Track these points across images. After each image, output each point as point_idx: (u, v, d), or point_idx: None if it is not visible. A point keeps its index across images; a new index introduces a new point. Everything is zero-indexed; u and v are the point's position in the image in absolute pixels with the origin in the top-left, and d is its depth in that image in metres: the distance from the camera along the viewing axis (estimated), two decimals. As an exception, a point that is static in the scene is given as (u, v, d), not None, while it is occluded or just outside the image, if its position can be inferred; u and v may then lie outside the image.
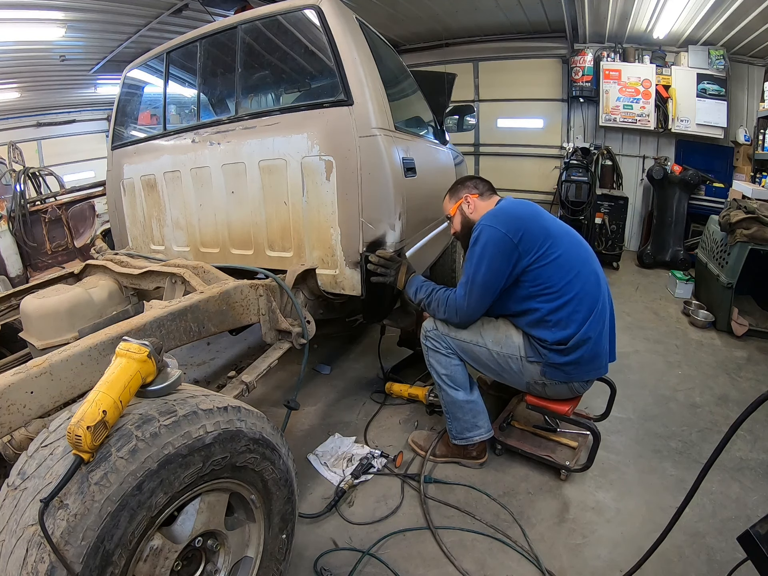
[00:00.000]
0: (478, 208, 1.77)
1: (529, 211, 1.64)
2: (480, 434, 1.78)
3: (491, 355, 1.67)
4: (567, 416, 1.69)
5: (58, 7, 4.01)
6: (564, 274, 1.55)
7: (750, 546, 0.81)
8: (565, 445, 1.87)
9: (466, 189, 1.82)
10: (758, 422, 2.03)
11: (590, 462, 1.69)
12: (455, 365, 1.73)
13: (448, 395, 1.75)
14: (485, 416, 1.79)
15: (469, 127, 3.38)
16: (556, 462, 1.76)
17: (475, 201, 1.78)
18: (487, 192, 1.81)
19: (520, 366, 1.64)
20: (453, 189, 1.88)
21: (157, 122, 2.52)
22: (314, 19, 1.84)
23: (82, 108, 8.24)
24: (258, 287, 1.66)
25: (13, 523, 0.77)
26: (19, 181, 4.12)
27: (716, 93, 4.70)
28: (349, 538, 1.53)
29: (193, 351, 2.97)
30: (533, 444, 1.88)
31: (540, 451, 1.82)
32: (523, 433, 1.96)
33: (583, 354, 1.56)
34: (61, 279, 2.09)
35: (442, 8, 4.89)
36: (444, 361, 1.74)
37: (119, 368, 0.84)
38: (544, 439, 1.92)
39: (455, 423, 1.78)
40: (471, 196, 1.79)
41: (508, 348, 1.65)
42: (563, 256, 1.56)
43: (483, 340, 1.68)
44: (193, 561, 0.99)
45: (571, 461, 1.76)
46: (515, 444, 1.86)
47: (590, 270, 1.62)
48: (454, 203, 1.83)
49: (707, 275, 3.47)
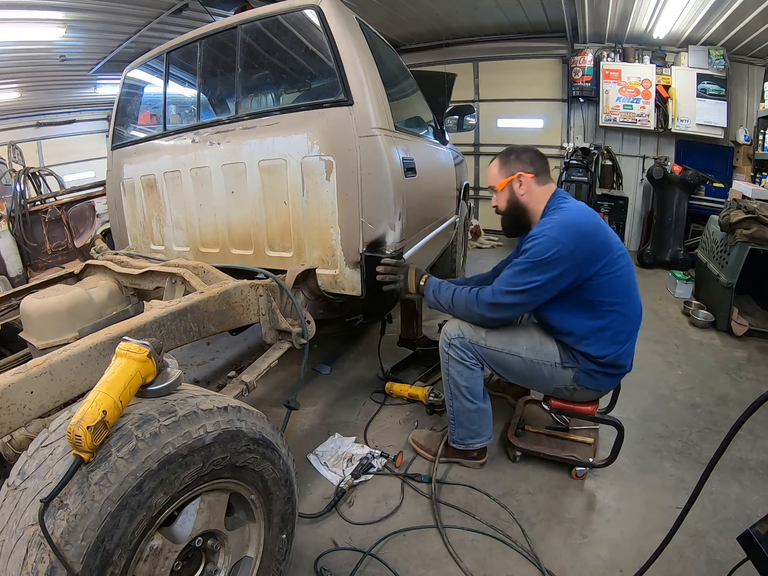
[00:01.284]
0: (532, 192, 1.59)
1: (595, 224, 1.52)
2: (481, 441, 1.75)
3: (524, 362, 1.61)
4: (592, 415, 1.68)
5: (58, 7, 4.01)
6: (618, 291, 1.52)
7: (750, 546, 0.81)
8: (582, 442, 1.86)
9: (522, 164, 1.60)
10: (758, 422, 2.03)
11: (614, 456, 1.68)
12: (476, 377, 1.66)
13: (462, 405, 1.69)
14: (490, 423, 1.76)
15: (469, 127, 3.39)
16: (580, 461, 1.74)
17: (529, 182, 1.59)
18: (543, 173, 1.61)
19: (553, 372, 1.60)
20: (505, 159, 1.64)
21: (157, 122, 2.52)
22: (314, 19, 1.84)
23: (82, 108, 8.24)
24: (258, 287, 1.66)
25: (13, 523, 0.77)
26: (19, 181, 4.13)
27: (716, 93, 4.70)
28: (350, 538, 1.53)
29: (193, 351, 2.97)
30: (552, 446, 1.85)
31: (562, 452, 1.80)
32: (538, 436, 1.93)
33: (617, 368, 1.58)
34: (61, 279, 2.09)
35: (442, 8, 4.89)
36: (466, 374, 1.65)
37: (119, 368, 0.84)
38: (560, 440, 1.89)
39: (459, 430, 1.75)
40: (526, 175, 1.58)
41: (544, 355, 1.60)
42: (621, 271, 1.51)
43: (516, 348, 1.61)
44: (193, 561, 0.99)
45: (593, 457, 1.75)
46: (536, 449, 1.83)
47: (636, 289, 1.59)
48: (503, 177, 1.62)
49: (707, 275, 3.47)
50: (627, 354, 1.58)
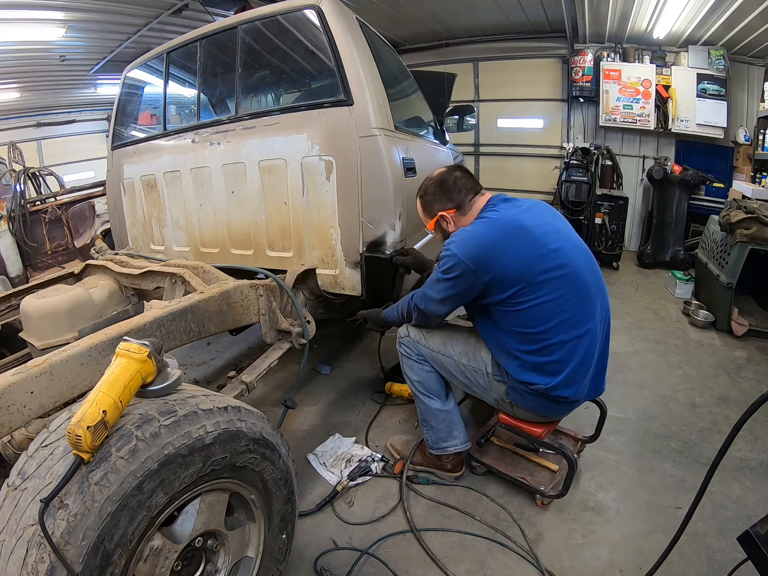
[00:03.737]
0: (460, 224, 1.52)
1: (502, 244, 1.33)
2: (455, 445, 1.70)
3: (458, 366, 1.60)
4: (540, 439, 1.56)
5: (58, 7, 4.01)
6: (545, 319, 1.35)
7: (750, 546, 0.81)
8: (545, 467, 1.74)
9: (439, 202, 1.53)
10: (758, 422, 2.03)
11: (565, 490, 1.56)
12: (427, 372, 1.66)
13: (422, 402, 1.69)
14: (461, 427, 1.71)
15: (469, 127, 3.39)
16: (531, 486, 1.64)
17: (453, 217, 1.52)
18: (466, 200, 1.50)
19: (487, 382, 1.56)
20: (422, 200, 1.57)
21: (157, 122, 2.52)
22: (314, 19, 1.84)
23: (82, 108, 8.24)
24: (258, 287, 1.66)
25: (13, 523, 0.77)
26: (19, 181, 4.13)
27: (716, 93, 4.70)
28: (349, 538, 1.53)
29: (193, 351, 2.97)
30: (510, 464, 1.76)
31: (516, 472, 1.70)
32: (503, 451, 1.83)
33: (555, 398, 1.42)
34: (61, 279, 2.09)
35: (442, 8, 4.88)
36: (416, 368, 1.67)
37: (119, 368, 0.84)
38: (524, 459, 1.79)
39: (431, 432, 1.71)
40: (447, 213, 1.52)
41: (476, 362, 1.56)
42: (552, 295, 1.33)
43: (451, 350, 1.60)
44: (193, 561, 0.99)
45: (548, 486, 1.63)
46: (491, 462, 1.75)
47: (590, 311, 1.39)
48: (429, 218, 1.58)
49: (707, 275, 3.47)
50: (567, 384, 1.39)
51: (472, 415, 2.18)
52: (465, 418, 1.79)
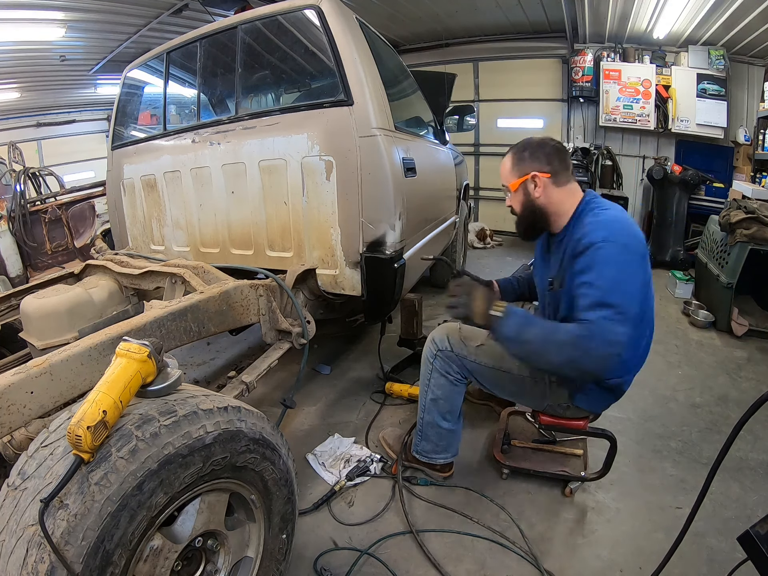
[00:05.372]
0: (549, 195, 1.36)
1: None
2: (445, 458, 1.69)
3: (515, 379, 1.50)
4: (583, 429, 1.59)
5: (58, 7, 4.01)
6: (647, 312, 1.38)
7: (750, 546, 0.80)
8: (571, 454, 1.79)
9: (537, 162, 1.36)
10: (758, 422, 2.02)
11: (607, 469, 1.61)
12: (457, 394, 1.58)
13: (433, 420, 1.62)
14: (459, 441, 1.70)
15: (469, 127, 3.39)
16: (572, 475, 1.67)
17: (546, 183, 1.35)
18: (562, 172, 1.36)
19: (545, 389, 1.49)
20: (518, 155, 1.39)
21: (157, 122, 2.52)
22: (314, 19, 1.84)
23: (82, 108, 8.25)
24: (258, 287, 1.66)
25: (13, 523, 0.77)
26: (19, 181, 4.13)
27: (716, 93, 4.70)
28: (349, 538, 1.53)
29: (193, 351, 2.97)
30: (541, 460, 1.79)
31: (552, 467, 1.72)
32: (525, 451, 1.85)
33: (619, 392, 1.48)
34: (61, 279, 2.09)
35: (442, 8, 4.89)
36: (447, 389, 1.56)
37: (119, 368, 0.84)
38: (549, 453, 1.82)
39: (425, 443, 1.68)
40: (541, 176, 1.35)
41: (538, 372, 1.48)
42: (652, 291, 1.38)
43: (509, 364, 1.49)
44: (193, 561, 0.99)
45: (585, 470, 1.68)
46: (525, 465, 1.76)
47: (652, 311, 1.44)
48: (516, 176, 1.38)
49: (707, 275, 3.47)
50: (632, 379, 1.48)
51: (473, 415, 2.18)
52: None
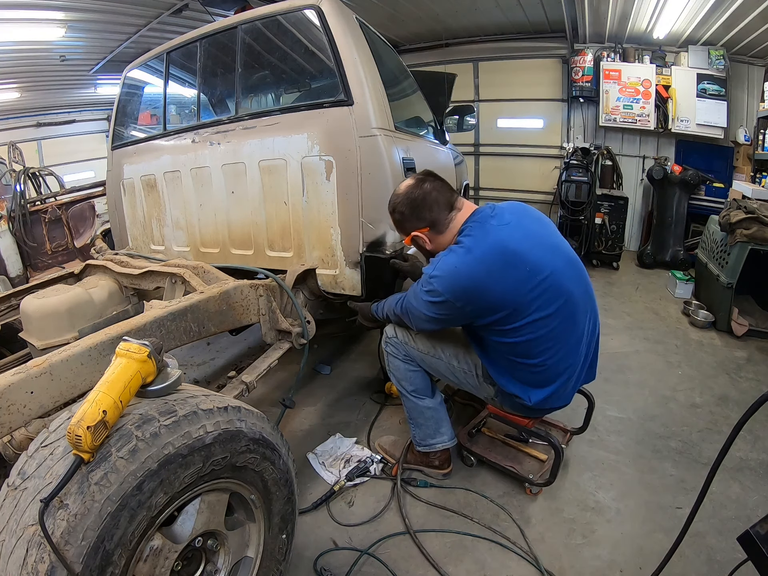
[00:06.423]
0: (437, 241, 1.43)
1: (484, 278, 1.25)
2: (443, 441, 1.72)
3: (449, 368, 1.61)
4: (528, 428, 1.63)
5: (58, 7, 4.01)
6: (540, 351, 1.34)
7: (750, 546, 0.81)
8: (534, 457, 1.79)
9: (411, 222, 1.42)
10: (758, 422, 2.02)
11: (553, 478, 1.61)
12: (413, 370, 1.67)
13: (409, 401, 1.70)
14: (448, 424, 1.74)
15: (469, 127, 3.39)
16: (519, 474, 1.69)
17: (429, 236, 1.42)
18: (441, 217, 1.38)
19: (477, 383, 1.59)
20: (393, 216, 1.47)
21: (157, 122, 2.52)
22: (314, 19, 1.84)
23: (82, 108, 8.24)
24: (258, 287, 1.66)
25: (13, 523, 0.77)
26: (19, 181, 4.13)
27: (716, 93, 4.69)
28: (349, 538, 1.53)
29: (193, 351, 2.97)
30: (500, 453, 1.81)
31: (505, 461, 1.75)
32: (493, 441, 1.88)
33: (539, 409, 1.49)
34: (61, 279, 2.09)
35: (442, 8, 4.88)
36: (402, 367, 1.67)
37: (119, 368, 0.84)
38: (513, 449, 1.85)
39: (418, 430, 1.73)
40: (421, 233, 1.42)
41: (466, 364, 1.58)
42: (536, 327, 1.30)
43: (441, 352, 1.61)
44: (193, 561, 0.99)
45: (536, 474, 1.68)
46: (481, 452, 1.80)
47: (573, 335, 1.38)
48: (405, 235, 1.48)
49: (707, 275, 3.47)
50: (551, 397, 1.42)
51: (459, 413, 2.18)
52: (452, 416, 1.80)
